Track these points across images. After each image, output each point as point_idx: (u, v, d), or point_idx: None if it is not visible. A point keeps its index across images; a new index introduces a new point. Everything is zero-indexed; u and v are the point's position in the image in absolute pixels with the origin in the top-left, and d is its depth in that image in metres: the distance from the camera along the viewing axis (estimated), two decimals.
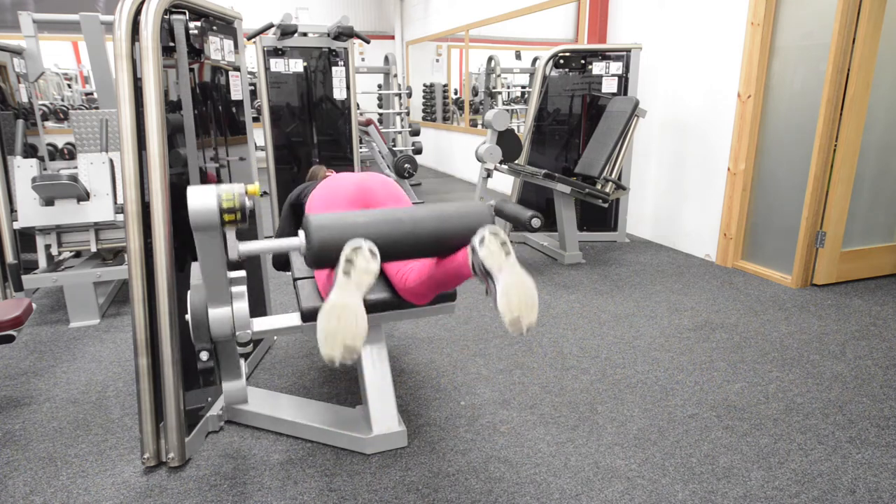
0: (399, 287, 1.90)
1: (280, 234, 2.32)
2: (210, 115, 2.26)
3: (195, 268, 1.70)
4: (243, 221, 1.52)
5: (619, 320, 3.06)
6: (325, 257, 1.51)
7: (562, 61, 4.44)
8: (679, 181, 4.33)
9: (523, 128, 4.71)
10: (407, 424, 2.11)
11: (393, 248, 1.55)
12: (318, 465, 1.90)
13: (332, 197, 1.97)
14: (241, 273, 1.79)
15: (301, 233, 1.55)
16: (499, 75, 7.49)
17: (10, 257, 3.15)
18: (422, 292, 1.81)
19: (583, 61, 4.41)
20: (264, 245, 1.59)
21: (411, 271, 1.83)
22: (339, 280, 1.40)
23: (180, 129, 2.02)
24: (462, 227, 1.60)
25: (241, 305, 1.68)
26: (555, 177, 3.73)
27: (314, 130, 4.26)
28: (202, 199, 1.49)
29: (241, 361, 1.83)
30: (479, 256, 1.46)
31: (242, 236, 2.52)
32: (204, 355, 1.62)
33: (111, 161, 2.94)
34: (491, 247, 1.45)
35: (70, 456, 1.96)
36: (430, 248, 1.59)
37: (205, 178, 2.17)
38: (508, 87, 7.65)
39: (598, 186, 3.89)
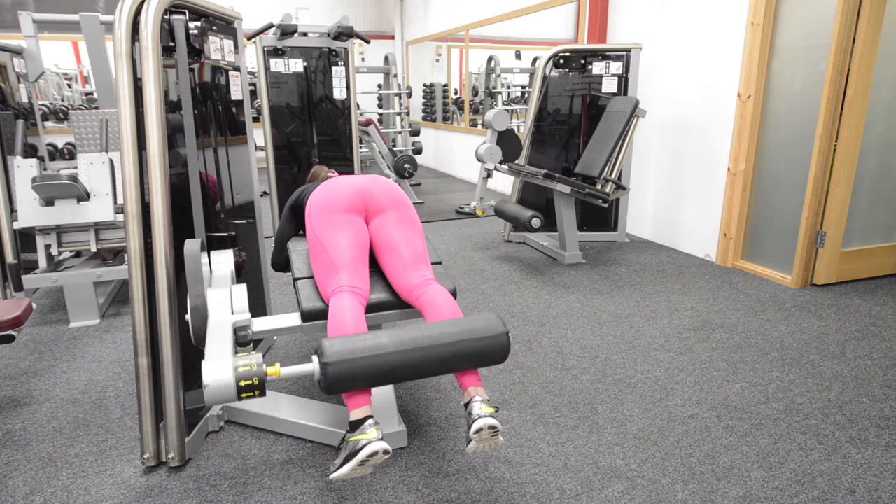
0: (406, 300, 1.92)
1: (280, 235, 2.32)
2: (210, 115, 2.26)
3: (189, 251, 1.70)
4: (262, 395, 1.47)
5: (619, 320, 3.06)
6: (338, 390, 1.53)
7: (562, 61, 4.44)
8: (679, 181, 4.33)
9: (523, 128, 4.71)
10: (407, 424, 2.11)
11: (408, 372, 1.58)
12: (318, 465, 1.90)
13: (331, 202, 1.95)
14: (242, 287, 1.79)
15: (314, 358, 1.53)
16: (499, 75, 7.49)
17: (10, 257, 3.15)
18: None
19: (583, 61, 4.41)
20: (285, 373, 1.52)
21: (426, 304, 1.84)
22: (353, 465, 1.49)
23: (180, 129, 2.02)
24: (478, 355, 1.62)
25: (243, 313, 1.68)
26: (555, 177, 3.73)
27: (314, 130, 4.26)
28: (218, 377, 1.42)
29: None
30: (469, 431, 1.57)
31: (243, 244, 2.52)
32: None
33: (111, 161, 2.94)
34: (483, 436, 1.56)
35: (70, 456, 1.96)
36: (442, 372, 1.63)
37: (205, 182, 2.16)
38: (508, 87, 7.65)
39: (598, 186, 3.89)
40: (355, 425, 1.54)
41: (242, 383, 1.43)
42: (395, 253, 1.93)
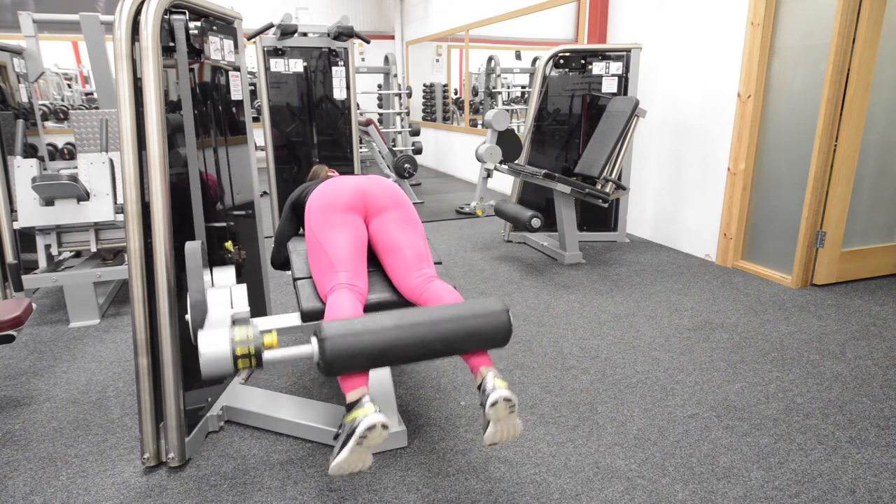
0: (409, 298, 1.91)
1: (280, 234, 2.32)
2: (210, 115, 2.26)
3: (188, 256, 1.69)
4: (259, 367, 1.48)
5: (619, 320, 3.06)
6: (337, 369, 1.51)
7: (562, 61, 4.44)
8: (679, 181, 4.33)
9: (523, 128, 4.71)
10: (407, 424, 2.11)
11: (407, 355, 1.56)
12: (318, 465, 1.90)
13: (330, 201, 1.96)
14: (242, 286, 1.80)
15: (313, 339, 1.51)
16: (499, 75, 7.49)
17: (10, 257, 3.15)
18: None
19: (583, 61, 4.41)
20: (283, 354, 1.52)
21: (430, 299, 1.83)
22: (352, 445, 1.45)
23: (180, 129, 2.02)
24: (478, 334, 1.60)
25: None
26: (555, 177, 3.73)
27: (314, 130, 4.26)
28: (214, 347, 1.44)
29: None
30: (484, 410, 1.54)
31: (243, 242, 2.52)
32: None
33: (111, 161, 2.94)
34: (499, 411, 1.52)
35: (70, 456, 1.96)
36: (444, 353, 1.61)
37: (205, 182, 2.16)
38: (508, 87, 7.65)
39: (598, 186, 3.89)
40: (351, 406, 1.52)
41: (239, 351, 1.44)
42: (398, 254, 1.93)
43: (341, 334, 1.49)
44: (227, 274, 1.90)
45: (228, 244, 2.25)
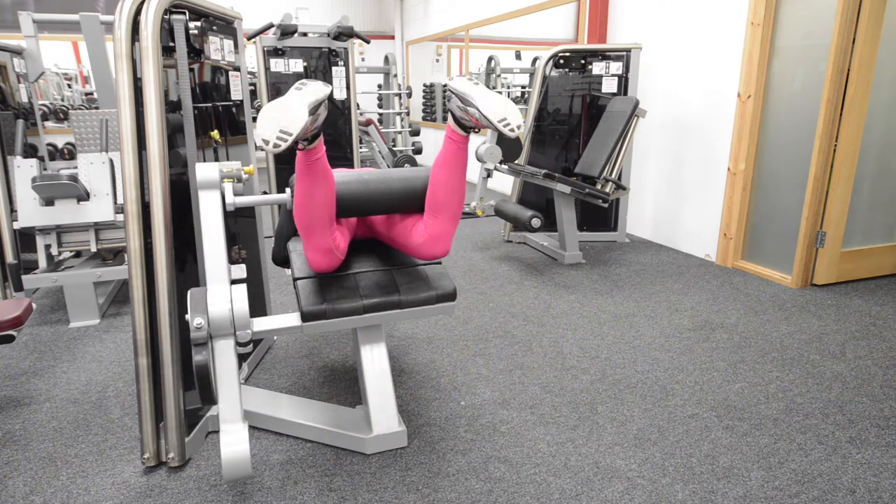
0: (422, 238, 1.88)
1: (279, 232, 2.32)
2: (210, 115, 2.26)
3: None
4: (239, 182, 1.84)
5: (619, 320, 3.06)
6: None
7: (562, 61, 4.44)
8: (679, 181, 4.33)
9: (523, 128, 4.71)
10: (407, 424, 2.11)
11: (367, 196, 1.87)
12: (318, 465, 1.90)
13: None
14: (241, 267, 1.82)
15: (288, 189, 1.84)
16: (499, 75, 7.49)
17: (10, 257, 3.15)
18: (442, 218, 1.85)
19: (583, 61, 4.41)
20: (256, 198, 1.91)
21: (424, 224, 1.88)
22: (289, 91, 1.58)
23: (180, 129, 2.02)
24: (420, 184, 1.93)
25: (242, 306, 1.68)
26: (555, 177, 3.73)
27: None
28: (207, 170, 1.79)
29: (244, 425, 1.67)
30: (451, 89, 1.73)
31: (243, 242, 2.52)
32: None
33: (111, 161, 2.94)
34: (461, 80, 1.73)
35: (70, 456, 1.96)
36: (398, 201, 1.91)
37: None
38: (508, 87, 7.65)
39: (598, 186, 3.89)
40: None
41: (225, 170, 1.81)
42: (391, 219, 2.02)
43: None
44: (237, 271, 1.91)
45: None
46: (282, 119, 1.49)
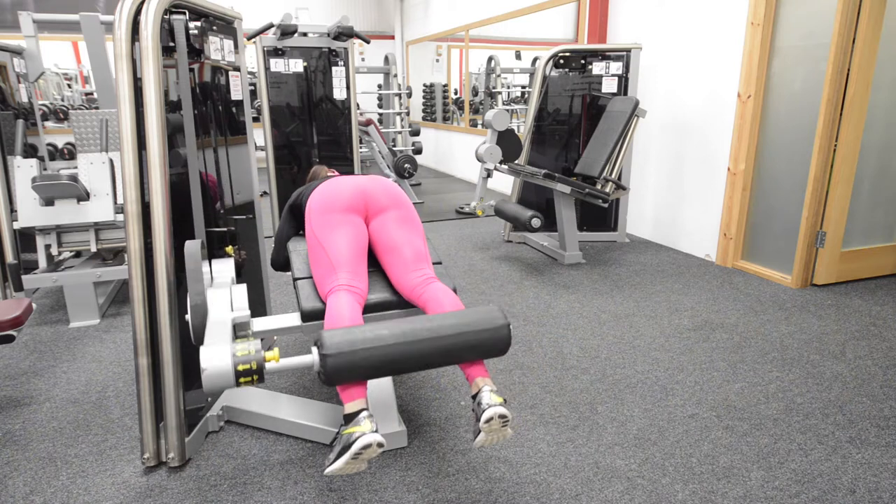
0: (408, 299, 1.92)
1: (279, 235, 2.32)
2: (210, 115, 2.26)
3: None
4: (261, 381, 1.47)
5: (619, 320, 3.06)
6: (338, 381, 1.53)
7: (562, 61, 4.44)
8: (679, 181, 4.33)
9: (523, 128, 4.71)
10: (407, 424, 2.11)
11: (408, 364, 1.57)
12: (318, 465, 1.90)
13: (331, 202, 1.95)
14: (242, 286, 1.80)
15: (314, 349, 1.52)
16: (499, 75, 7.49)
17: (10, 257, 3.14)
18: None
19: (583, 61, 4.41)
20: (284, 364, 1.52)
21: (429, 301, 1.83)
22: (347, 458, 1.46)
23: (180, 129, 2.02)
24: (478, 347, 1.62)
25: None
26: (555, 177, 3.73)
27: (314, 130, 4.26)
28: (216, 362, 1.42)
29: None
30: (478, 422, 1.57)
31: (243, 242, 2.52)
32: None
33: (111, 161, 2.93)
34: (493, 426, 1.55)
35: (70, 456, 1.96)
36: (442, 364, 1.62)
37: (205, 182, 2.16)
38: (508, 87, 7.65)
39: (598, 186, 3.89)
40: (349, 418, 1.53)
41: (241, 367, 1.43)
42: (397, 252, 1.93)
43: (342, 350, 1.49)
44: (226, 266, 1.90)
45: (229, 248, 2.25)
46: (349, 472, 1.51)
